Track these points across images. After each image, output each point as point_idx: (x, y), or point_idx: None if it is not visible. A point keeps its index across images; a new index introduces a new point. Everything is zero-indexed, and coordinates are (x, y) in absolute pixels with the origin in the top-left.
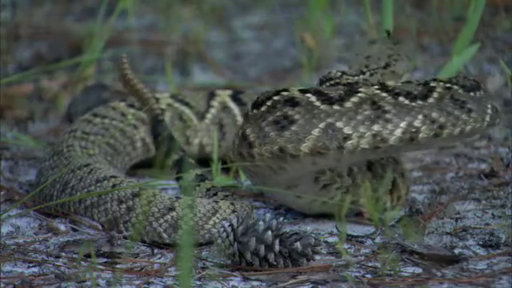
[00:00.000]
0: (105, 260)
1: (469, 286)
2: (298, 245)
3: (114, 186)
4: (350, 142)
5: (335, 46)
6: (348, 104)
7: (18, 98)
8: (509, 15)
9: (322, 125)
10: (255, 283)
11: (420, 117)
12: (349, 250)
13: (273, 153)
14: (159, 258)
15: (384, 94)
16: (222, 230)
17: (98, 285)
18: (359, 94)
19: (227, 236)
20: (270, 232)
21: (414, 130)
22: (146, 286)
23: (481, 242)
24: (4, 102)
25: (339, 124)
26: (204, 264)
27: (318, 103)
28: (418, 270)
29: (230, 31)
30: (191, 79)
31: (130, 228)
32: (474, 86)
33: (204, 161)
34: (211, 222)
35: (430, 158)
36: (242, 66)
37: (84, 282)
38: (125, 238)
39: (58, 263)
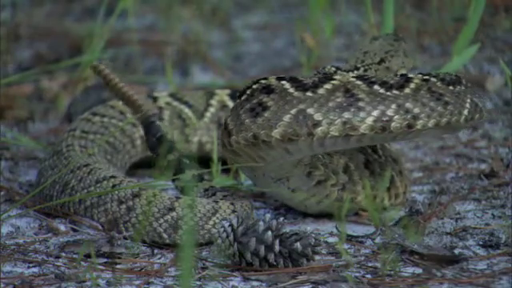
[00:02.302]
0: (105, 260)
1: (469, 286)
2: (297, 245)
3: (113, 186)
4: (320, 128)
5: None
6: (321, 91)
7: (18, 98)
8: (509, 15)
9: (293, 111)
10: (255, 283)
11: (393, 106)
12: (349, 251)
13: (248, 140)
14: (159, 259)
15: (358, 82)
16: (222, 230)
17: (98, 285)
18: (333, 81)
19: (227, 236)
20: (270, 232)
21: (386, 119)
22: (146, 286)
23: (481, 242)
24: (4, 102)
25: (310, 110)
26: (204, 264)
27: (291, 90)
28: (418, 271)
29: (230, 31)
30: (191, 79)
31: (130, 228)
32: (455, 80)
33: (203, 159)
34: (211, 222)
35: (430, 158)
36: (242, 65)
37: (84, 282)
38: (125, 238)
39: (58, 263)
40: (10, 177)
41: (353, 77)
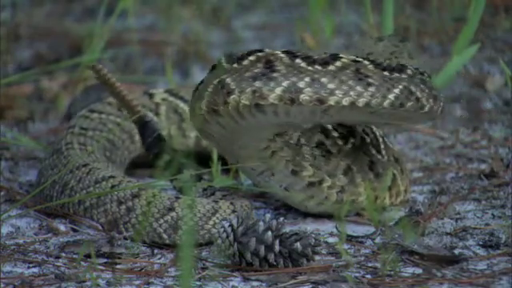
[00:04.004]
0: (105, 260)
1: (469, 286)
2: (297, 245)
3: (112, 186)
4: (232, 97)
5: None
6: (245, 62)
7: (18, 98)
8: (509, 15)
9: (215, 81)
10: (255, 283)
11: (307, 79)
12: (349, 251)
13: (189, 114)
14: (159, 259)
15: (282, 55)
16: (221, 230)
17: (98, 285)
18: (258, 53)
19: (227, 236)
20: (270, 232)
21: (295, 89)
22: (145, 286)
23: (481, 243)
24: (4, 102)
25: (228, 80)
26: (204, 264)
27: (224, 63)
28: (418, 271)
29: (230, 31)
30: (191, 79)
31: (130, 229)
32: (395, 67)
33: (201, 155)
34: (211, 222)
35: (430, 158)
36: None
37: (84, 282)
38: (125, 238)
39: (58, 263)
40: (10, 177)
41: (282, 51)
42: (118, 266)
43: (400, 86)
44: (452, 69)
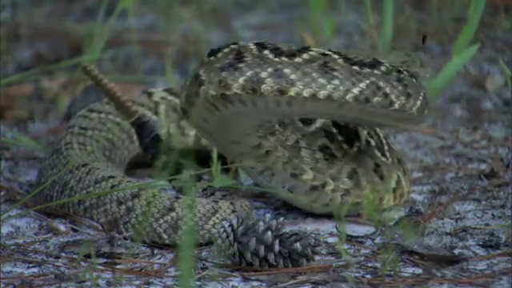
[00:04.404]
0: (105, 260)
1: (469, 286)
2: (297, 245)
3: (112, 186)
4: (202, 87)
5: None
6: (219, 54)
7: (18, 98)
8: (509, 15)
9: (192, 74)
10: (255, 283)
11: (270, 69)
12: (349, 251)
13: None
14: (159, 259)
15: (252, 47)
16: (221, 230)
17: (98, 285)
18: (232, 46)
19: (227, 236)
20: (269, 232)
21: (257, 79)
22: (145, 286)
23: (481, 243)
24: (4, 102)
25: (200, 71)
26: (204, 264)
27: (205, 57)
28: (418, 271)
29: (230, 31)
30: None
31: (130, 229)
32: (366, 63)
33: (201, 153)
34: (211, 222)
35: (430, 158)
36: None
37: (84, 282)
38: (125, 238)
39: (58, 263)
40: (10, 177)
41: (253, 43)
42: (118, 266)
43: (367, 81)
44: (452, 69)
